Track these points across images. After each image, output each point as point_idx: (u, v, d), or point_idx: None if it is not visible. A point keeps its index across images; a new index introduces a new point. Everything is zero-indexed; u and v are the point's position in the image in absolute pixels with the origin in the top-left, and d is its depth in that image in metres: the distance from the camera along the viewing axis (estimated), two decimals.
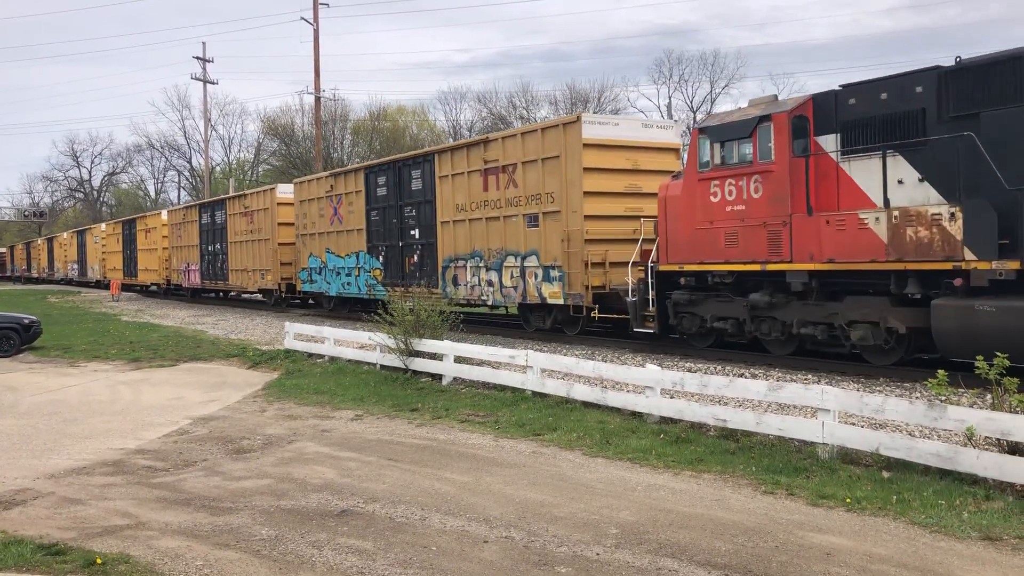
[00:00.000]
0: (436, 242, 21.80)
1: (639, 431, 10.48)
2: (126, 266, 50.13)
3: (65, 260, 68.75)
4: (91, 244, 59.98)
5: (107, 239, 54.65)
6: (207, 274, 37.63)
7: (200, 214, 38.23)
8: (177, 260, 41.25)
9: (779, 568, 6.19)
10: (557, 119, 17.40)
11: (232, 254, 34.67)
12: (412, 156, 23.69)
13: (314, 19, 41.18)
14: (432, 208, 22.03)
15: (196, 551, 6.87)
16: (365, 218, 25.16)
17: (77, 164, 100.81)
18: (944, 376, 8.66)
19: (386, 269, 24.16)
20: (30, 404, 14.39)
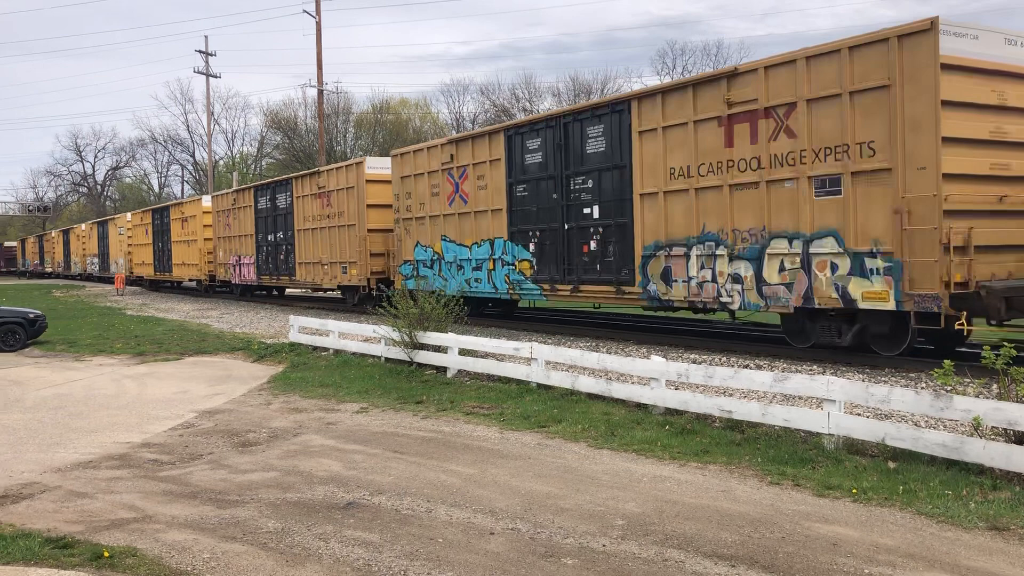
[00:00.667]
0: (630, 223, 15.98)
1: (644, 423, 10.48)
2: (157, 260, 45.03)
3: (83, 254, 64.11)
4: (114, 236, 54.77)
5: (134, 230, 49.44)
6: (265, 268, 32.13)
7: (256, 198, 32.62)
8: (225, 252, 35.90)
9: (785, 559, 6.19)
10: (884, 31, 11.88)
11: (300, 244, 29.18)
12: (588, 107, 17.44)
13: (316, 12, 41.09)
14: (624, 176, 16.15)
15: (203, 544, 6.88)
16: (506, 195, 19.21)
17: (80, 159, 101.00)
18: (950, 366, 8.64)
19: (539, 261, 18.41)
20: (36, 398, 14.42)
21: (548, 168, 18.07)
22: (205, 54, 54.71)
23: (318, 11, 41.10)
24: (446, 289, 20.12)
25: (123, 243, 52.04)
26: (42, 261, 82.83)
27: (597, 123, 16.81)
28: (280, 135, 72.51)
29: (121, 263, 52.26)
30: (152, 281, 47.65)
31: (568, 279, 17.58)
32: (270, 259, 31.81)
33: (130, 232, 50.45)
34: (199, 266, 38.62)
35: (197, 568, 6.38)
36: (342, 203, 26.24)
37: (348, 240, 25.98)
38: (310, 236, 28.56)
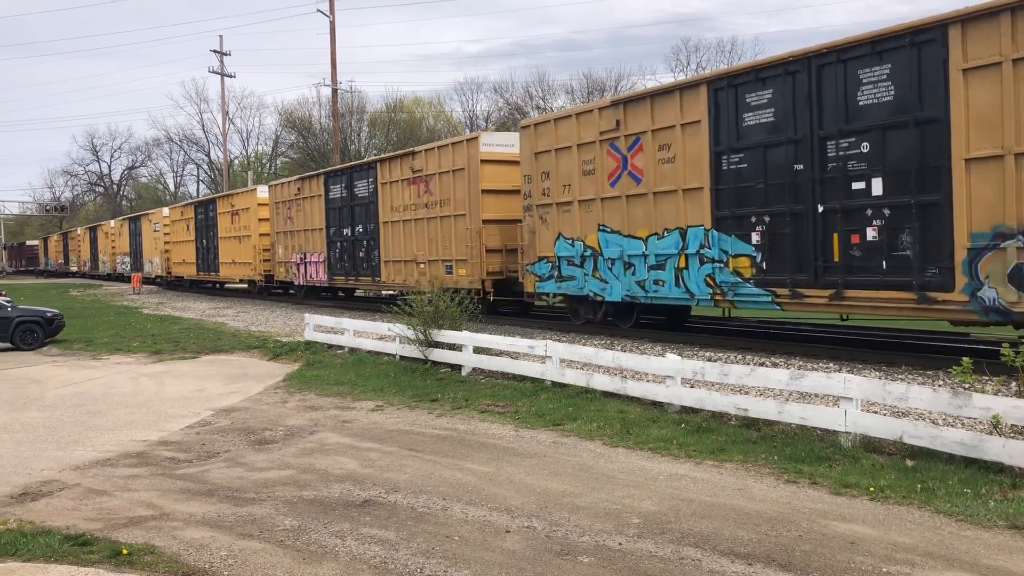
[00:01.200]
0: (946, 201, 11.49)
1: (660, 421, 10.45)
2: (201, 259, 40.70)
3: (113, 252, 59.62)
4: (148, 233, 50.11)
5: (172, 226, 45.06)
6: (339, 267, 28.06)
7: (327, 186, 28.41)
8: (286, 249, 31.73)
9: (803, 557, 6.16)
10: None
11: (386, 239, 25.33)
12: (863, 40, 12.51)
13: (330, 11, 41.19)
14: (934, 135, 11.63)
15: (220, 541, 6.92)
16: (709, 169, 14.80)
17: (97, 158, 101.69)
18: (969, 363, 8.58)
19: (770, 256, 13.92)
20: (54, 396, 14.53)
21: (786, 130, 13.62)
22: (220, 54, 54.96)
23: (332, 10, 41.20)
24: (605, 294, 17.10)
25: (159, 241, 47.88)
26: (67, 260, 79.23)
27: (878, 62, 12.29)
28: (295, 134, 72.77)
29: (157, 262, 48.33)
30: (195, 282, 43.83)
31: (823, 282, 13.13)
32: (345, 256, 27.34)
33: (167, 228, 46.22)
34: (252, 265, 33.99)
35: (215, 566, 6.41)
36: (445, 189, 22.41)
37: (453, 234, 22.06)
38: (400, 229, 24.64)
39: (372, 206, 26.09)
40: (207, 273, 40.26)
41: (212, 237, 38.69)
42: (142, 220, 52.23)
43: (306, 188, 30.13)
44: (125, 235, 55.70)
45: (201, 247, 40.54)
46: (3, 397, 14.64)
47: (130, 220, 55.65)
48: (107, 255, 61.34)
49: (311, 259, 29.98)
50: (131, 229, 54.37)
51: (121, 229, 57.04)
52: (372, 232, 26.13)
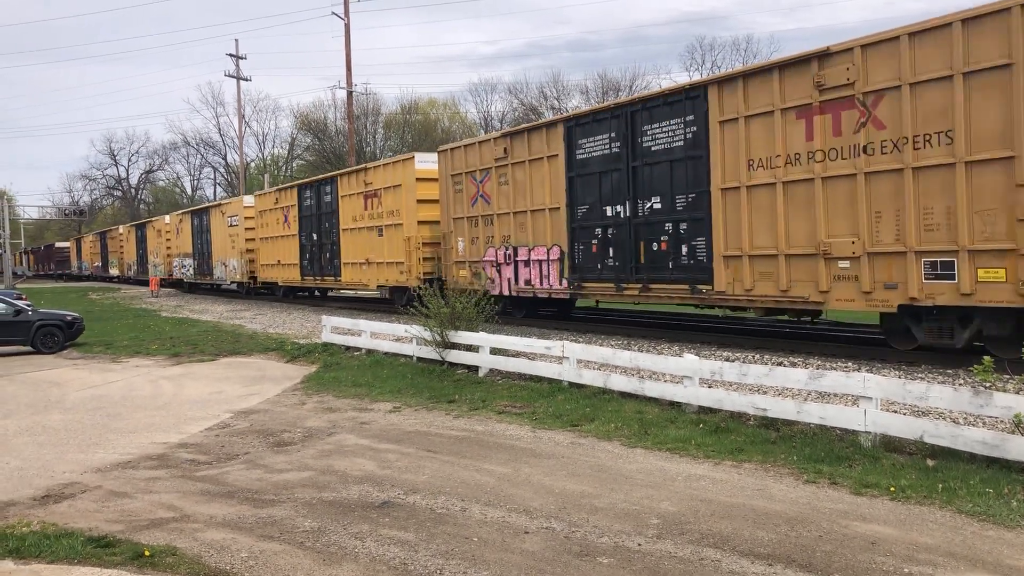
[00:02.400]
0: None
1: (678, 421, 10.43)
2: (309, 259, 31.19)
3: (168, 254, 50.45)
4: (219, 228, 40.47)
5: (260, 218, 35.38)
6: (590, 266, 17.92)
7: (570, 139, 18.23)
8: (476, 243, 21.46)
9: (823, 558, 6.13)
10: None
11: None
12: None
13: (345, 13, 41.34)
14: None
15: (241, 543, 6.96)
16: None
17: (115, 162, 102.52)
18: (990, 362, 8.51)
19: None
20: (75, 399, 14.66)
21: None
22: (236, 58, 55.26)
23: (347, 13, 41.34)
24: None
25: (237, 238, 38.20)
26: (105, 263, 70.11)
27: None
28: (310, 137, 73.13)
29: (235, 265, 38.67)
30: (292, 288, 34.85)
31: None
32: (609, 249, 17.49)
33: (252, 222, 36.64)
34: (405, 266, 24.50)
35: (236, 567, 6.45)
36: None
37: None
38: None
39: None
40: (318, 278, 30.83)
41: (329, 229, 29.52)
42: (211, 213, 42.12)
43: (519, 147, 21.72)
44: (186, 232, 46.05)
45: (312, 244, 31.05)
46: (25, 400, 14.78)
47: (192, 214, 45.82)
48: (160, 257, 52.38)
49: (537, 257, 26.51)
50: (195, 225, 44.54)
51: (179, 225, 47.74)
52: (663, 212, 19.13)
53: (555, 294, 18.86)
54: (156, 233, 53.43)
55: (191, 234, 45.16)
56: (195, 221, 44.56)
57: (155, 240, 53.43)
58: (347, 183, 28.20)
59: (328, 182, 29.92)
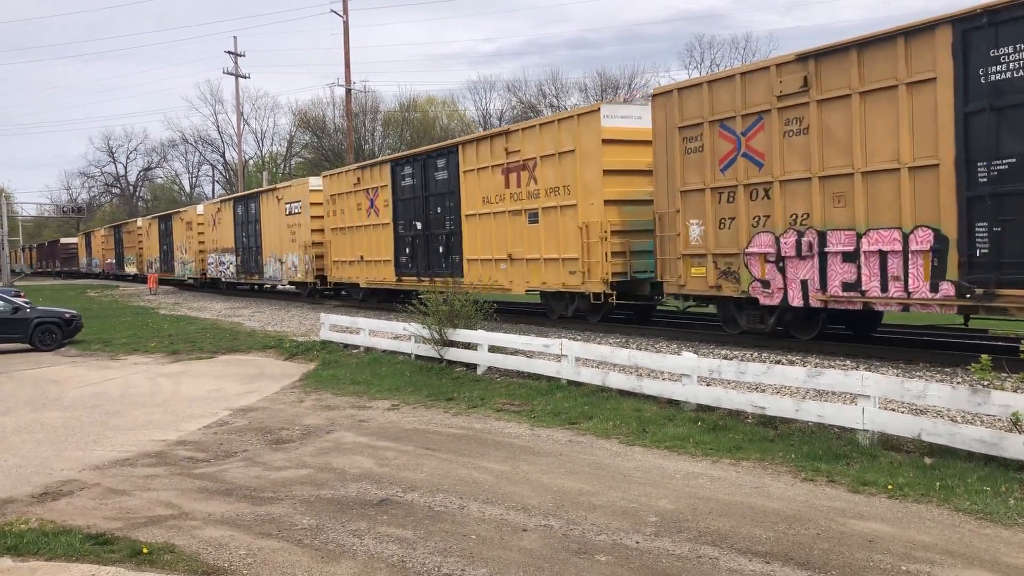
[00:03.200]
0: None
1: (676, 419, 10.44)
2: (414, 254, 24.60)
3: (199, 249, 43.16)
4: (273, 217, 33.49)
5: (333, 203, 29.00)
6: None
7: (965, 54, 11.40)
8: (728, 230, 14.80)
9: (821, 555, 6.14)
10: None
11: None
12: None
13: (343, 11, 41.29)
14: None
15: (239, 540, 6.96)
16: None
17: (113, 160, 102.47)
18: (987, 361, 8.52)
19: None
20: (73, 397, 14.65)
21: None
22: (234, 55, 55.20)
23: (345, 10, 41.30)
24: None
25: (299, 228, 31.23)
26: (120, 261, 63.08)
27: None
28: (309, 134, 73.01)
29: (294, 262, 31.86)
30: (380, 291, 27.78)
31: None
32: None
33: (318, 209, 30.21)
34: (580, 263, 17.99)
35: (234, 564, 6.45)
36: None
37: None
38: None
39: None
40: (424, 278, 23.75)
41: (445, 217, 23.06)
42: (262, 200, 35.18)
43: None
44: (226, 224, 38.93)
45: (410, 236, 24.79)
46: (23, 398, 14.77)
47: (237, 202, 38.36)
48: (189, 252, 44.97)
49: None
50: (239, 214, 37.56)
51: (219, 215, 40.34)
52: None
53: (924, 304, 11.98)
54: (185, 226, 45.92)
55: (233, 225, 38.16)
56: (239, 210, 37.50)
57: (183, 234, 46.11)
58: (475, 153, 21.34)
59: (442, 153, 23.21)
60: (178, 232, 47.47)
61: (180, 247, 47.08)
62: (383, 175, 25.88)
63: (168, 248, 49.87)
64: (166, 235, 50.41)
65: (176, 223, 48.15)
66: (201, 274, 43.93)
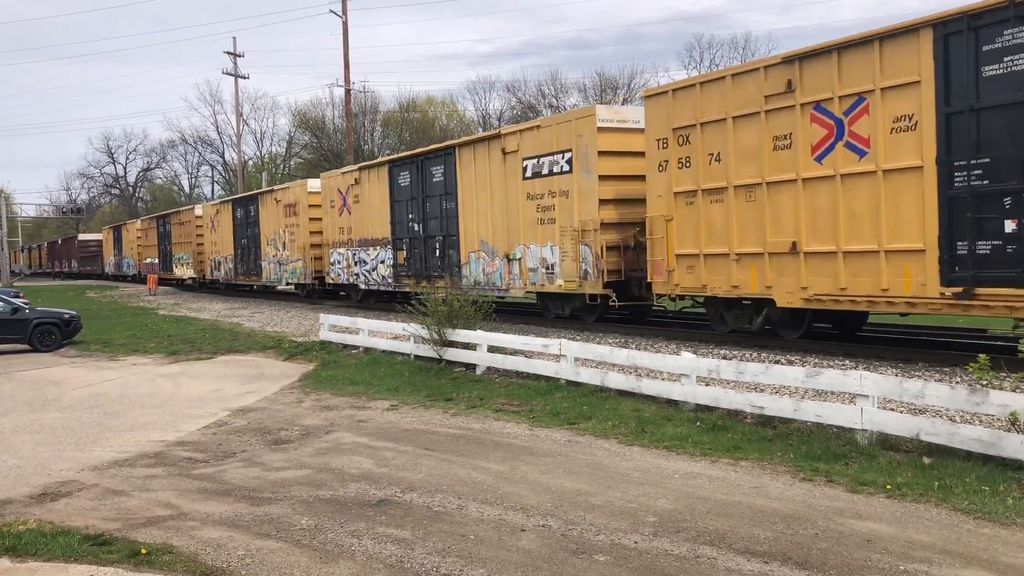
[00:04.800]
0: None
1: (675, 419, 10.44)
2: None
3: (309, 243, 30.21)
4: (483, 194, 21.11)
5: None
6: None
7: None
8: None
9: (819, 555, 6.14)
10: None
11: None
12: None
13: (343, 11, 41.29)
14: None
15: (237, 541, 6.96)
16: (391, 212, 25.52)
17: (112, 161, 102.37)
18: (986, 360, 8.52)
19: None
20: (72, 397, 14.65)
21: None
22: (233, 55, 55.15)
23: (344, 11, 41.29)
24: None
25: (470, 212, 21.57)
26: (166, 260, 48.46)
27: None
28: (308, 135, 72.98)
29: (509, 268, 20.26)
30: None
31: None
32: None
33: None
34: None
35: (232, 565, 6.45)
36: None
37: None
38: None
39: None
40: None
41: None
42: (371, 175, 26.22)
43: None
44: (369, 205, 26.43)
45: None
46: (22, 398, 14.77)
47: (394, 167, 25.37)
48: (294, 247, 31.40)
49: None
50: (397, 189, 24.87)
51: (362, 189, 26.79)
52: None
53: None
54: (283, 210, 32.46)
55: (388, 203, 25.35)
56: (401, 178, 24.75)
57: (276, 221, 32.44)
58: None
59: None
60: (268, 219, 32.87)
61: (273, 239, 32.45)
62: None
63: (251, 241, 34.94)
64: (247, 224, 35.82)
65: (265, 205, 33.46)
66: (315, 278, 30.72)
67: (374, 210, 25.98)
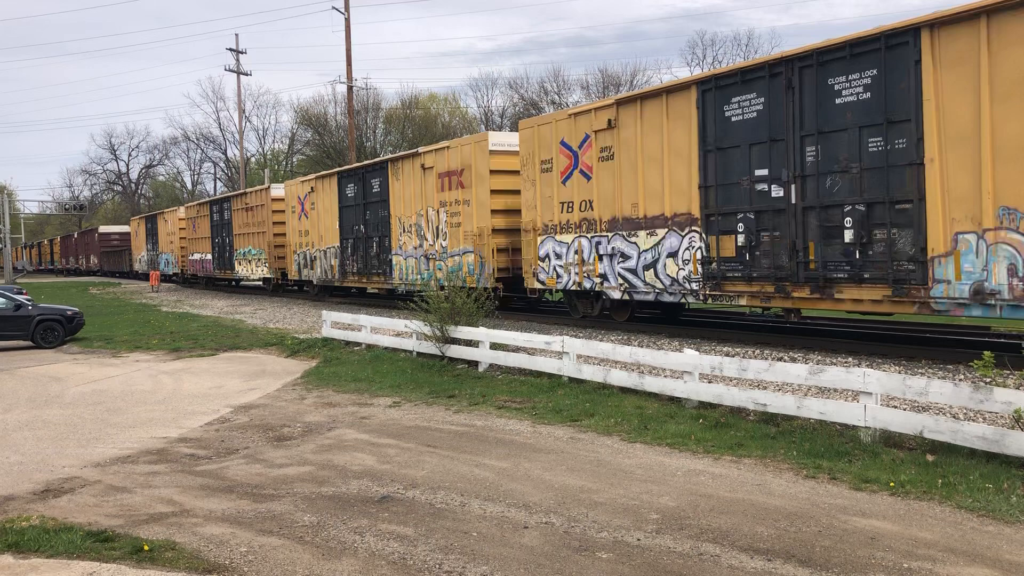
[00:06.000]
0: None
1: (678, 416, 10.42)
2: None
3: (479, 229, 20.62)
4: None
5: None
6: None
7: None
8: None
9: (823, 553, 6.13)
10: None
11: None
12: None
13: (345, 8, 41.25)
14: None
15: (240, 538, 6.96)
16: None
17: (115, 157, 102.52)
18: (990, 357, 8.50)
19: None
20: (75, 394, 14.66)
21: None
22: (236, 52, 55.14)
23: (347, 7, 41.25)
24: None
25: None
26: (225, 257, 37.91)
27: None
28: (311, 132, 73.01)
29: None
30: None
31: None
32: None
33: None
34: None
35: (235, 562, 6.45)
36: None
37: None
38: None
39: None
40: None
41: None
42: None
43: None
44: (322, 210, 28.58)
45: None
46: (25, 395, 14.78)
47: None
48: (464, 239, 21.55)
49: None
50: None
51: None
52: None
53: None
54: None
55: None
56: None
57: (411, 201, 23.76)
58: None
59: None
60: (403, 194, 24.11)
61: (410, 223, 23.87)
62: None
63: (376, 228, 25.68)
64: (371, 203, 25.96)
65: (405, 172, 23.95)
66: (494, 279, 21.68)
67: (327, 215, 29.35)
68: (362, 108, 64.24)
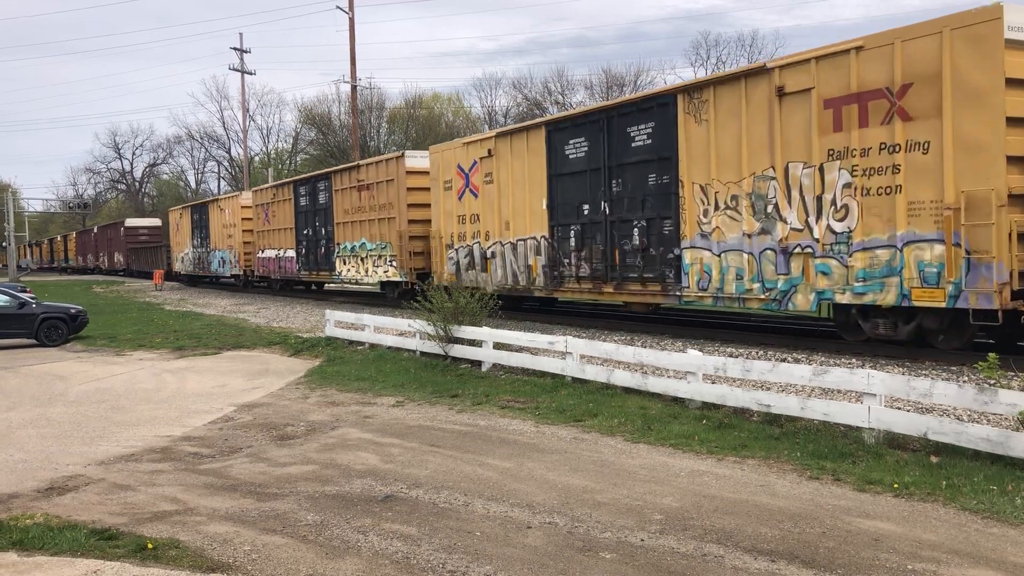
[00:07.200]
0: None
1: (681, 417, 10.42)
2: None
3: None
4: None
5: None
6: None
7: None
8: None
9: (826, 554, 6.12)
10: None
11: None
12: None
13: (349, 7, 41.26)
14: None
15: (244, 536, 6.96)
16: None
17: (119, 156, 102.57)
18: (995, 359, 8.49)
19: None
20: (79, 392, 14.68)
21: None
22: (240, 51, 55.19)
23: (351, 6, 41.26)
24: None
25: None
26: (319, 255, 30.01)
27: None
28: (314, 131, 73.03)
29: None
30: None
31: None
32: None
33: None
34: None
35: (238, 560, 6.45)
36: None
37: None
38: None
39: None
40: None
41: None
42: None
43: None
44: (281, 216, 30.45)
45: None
46: (29, 393, 14.80)
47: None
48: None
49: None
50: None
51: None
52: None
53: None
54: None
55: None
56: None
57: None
58: None
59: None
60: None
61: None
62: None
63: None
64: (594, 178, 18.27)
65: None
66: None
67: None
68: (366, 107, 64.29)
